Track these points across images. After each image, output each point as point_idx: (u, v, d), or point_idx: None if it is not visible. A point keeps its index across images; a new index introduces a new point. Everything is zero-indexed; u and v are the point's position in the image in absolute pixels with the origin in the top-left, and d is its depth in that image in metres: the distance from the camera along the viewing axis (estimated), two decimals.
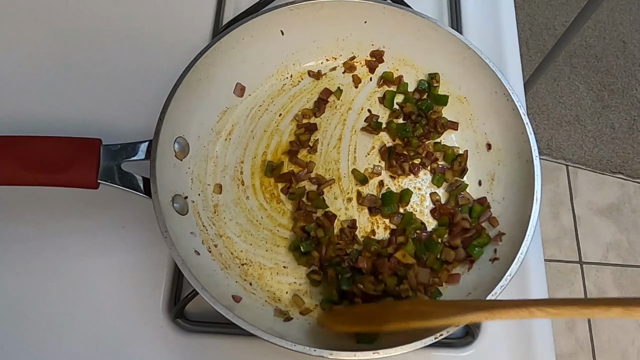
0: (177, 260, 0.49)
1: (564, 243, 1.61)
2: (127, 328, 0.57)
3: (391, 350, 0.46)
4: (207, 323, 0.58)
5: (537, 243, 0.62)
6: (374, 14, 0.64)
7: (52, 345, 0.56)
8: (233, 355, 0.56)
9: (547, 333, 0.58)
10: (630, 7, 1.98)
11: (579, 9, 1.15)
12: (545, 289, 0.60)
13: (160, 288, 0.59)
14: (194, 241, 0.56)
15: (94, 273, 0.59)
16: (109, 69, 0.70)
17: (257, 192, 0.62)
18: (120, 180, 0.53)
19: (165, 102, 0.55)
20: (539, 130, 1.75)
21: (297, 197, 0.61)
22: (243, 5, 0.71)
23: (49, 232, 0.61)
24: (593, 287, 1.55)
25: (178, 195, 0.57)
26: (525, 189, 0.55)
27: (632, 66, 1.88)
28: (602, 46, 1.91)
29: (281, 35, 0.65)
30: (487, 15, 0.76)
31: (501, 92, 0.59)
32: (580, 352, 1.47)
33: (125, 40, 0.72)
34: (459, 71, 0.64)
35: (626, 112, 1.81)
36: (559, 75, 1.85)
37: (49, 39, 0.71)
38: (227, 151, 0.64)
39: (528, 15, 1.95)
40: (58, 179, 0.52)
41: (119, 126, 0.66)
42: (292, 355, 0.47)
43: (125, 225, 0.61)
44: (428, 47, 0.65)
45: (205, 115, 0.62)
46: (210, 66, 0.60)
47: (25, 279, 0.59)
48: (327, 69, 0.68)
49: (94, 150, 0.53)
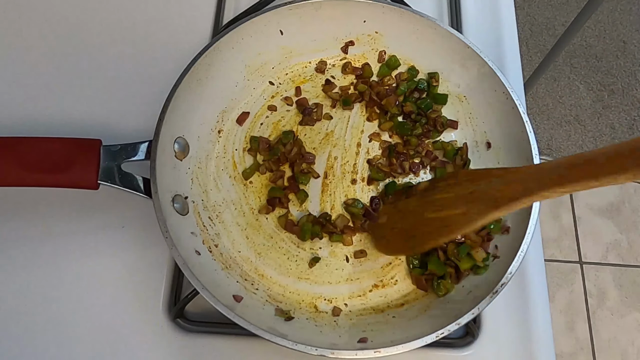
0: (178, 261, 0.49)
1: (564, 243, 1.61)
2: (127, 328, 0.57)
3: (392, 349, 0.46)
4: (207, 323, 0.58)
5: (537, 243, 0.62)
6: (374, 14, 0.64)
7: (52, 345, 0.56)
8: (233, 355, 0.56)
9: (547, 333, 0.58)
10: (630, 7, 1.98)
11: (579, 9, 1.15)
12: (545, 289, 0.60)
13: (160, 288, 0.59)
14: (194, 241, 0.56)
15: (94, 273, 0.59)
16: (108, 69, 0.70)
17: (257, 192, 0.62)
18: (121, 180, 0.53)
19: (165, 102, 0.55)
20: (539, 130, 1.75)
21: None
22: (243, 5, 0.72)
23: (49, 232, 0.61)
24: (593, 287, 1.55)
25: (178, 195, 0.57)
26: None
27: (632, 66, 1.88)
28: (602, 46, 1.91)
29: (280, 35, 0.65)
30: (487, 15, 0.76)
31: (501, 90, 0.59)
32: (580, 352, 1.47)
33: (125, 40, 0.72)
34: (458, 70, 0.64)
35: (626, 112, 1.81)
36: (559, 75, 1.85)
37: (49, 39, 0.71)
38: (227, 151, 0.64)
39: (528, 15, 1.95)
40: (58, 179, 0.52)
41: (119, 126, 0.66)
42: (293, 355, 0.47)
43: (125, 225, 0.61)
44: (428, 46, 0.65)
45: (205, 115, 0.62)
46: (210, 66, 0.60)
47: (25, 279, 0.59)
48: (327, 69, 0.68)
49: (94, 150, 0.53)
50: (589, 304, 1.53)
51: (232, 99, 0.65)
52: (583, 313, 1.52)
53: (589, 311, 1.52)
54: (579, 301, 1.53)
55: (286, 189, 0.62)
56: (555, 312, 1.50)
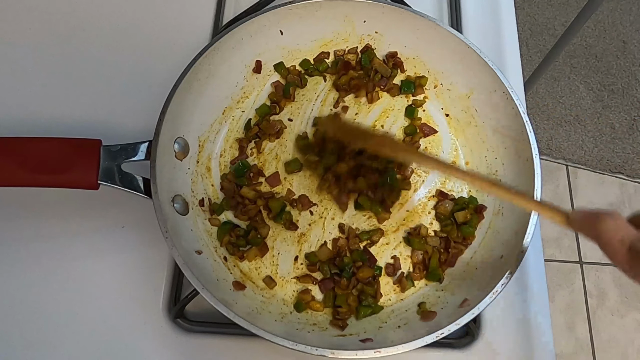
0: (178, 261, 0.49)
1: (564, 243, 1.61)
2: (127, 328, 0.57)
3: (392, 349, 0.46)
4: (207, 323, 0.58)
5: (537, 243, 0.62)
6: (373, 14, 0.64)
7: (52, 345, 0.56)
8: (233, 355, 0.56)
9: (547, 333, 0.58)
10: (630, 7, 1.98)
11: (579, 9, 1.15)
12: (545, 289, 0.60)
13: (160, 288, 0.59)
14: (194, 241, 0.56)
15: (94, 273, 0.59)
16: (108, 69, 0.70)
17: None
18: (121, 180, 0.53)
19: (165, 102, 0.55)
20: (539, 130, 1.75)
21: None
22: (243, 5, 0.72)
23: (50, 232, 0.61)
24: (593, 287, 1.55)
25: (178, 195, 0.57)
26: (525, 188, 0.55)
27: (632, 66, 1.88)
28: (602, 46, 1.91)
29: (280, 35, 0.65)
30: (487, 15, 0.76)
31: (500, 90, 0.59)
32: (580, 352, 1.47)
33: (125, 40, 0.72)
34: (458, 70, 0.64)
35: (626, 112, 1.81)
36: (559, 75, 1.85)
37: (49, 39, 0.71)
38: (227, 151, 0.64)
39: (528, 15, 1.95)
40: (58, 179, 0.52)
41: (119, 127, 0.66)
42: (293, 355, 0.47)
43: (125, 225, 0.61)
44: (427, 46, 0.65)
45: (205, 115, 0.62)
46: (210, 66, 0.60)
47: (25, 279, 0.59)
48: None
49: (94, 151, 0.53)
50: (589, 304, 1.53)
51: (232, 99, 0.65)
52: (583, 313, 1.52)
53: (589, 311, 1.52)
54: (579, 301, 1.53)
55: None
56: (555, 312, 1.50)
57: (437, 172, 0.62)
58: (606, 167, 1.73)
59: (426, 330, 0.48)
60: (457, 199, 0.61)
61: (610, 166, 1.73)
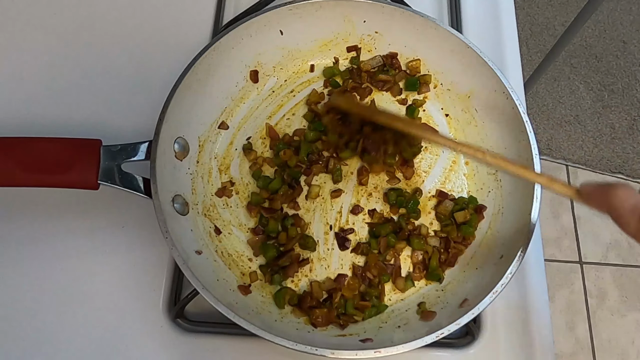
0: (178, 261, 0.49)
1: (564, 243, 1.61)
2: (127, 328, 0.57)
3: (392, 349, 0.46)
4: (207, 323, 0.58)
5: (537, 243, 0.62)
6: (374, 14, 0.64)
7: (52, 345, 0.56)
8: (233, 355, 0.56)
9: (547, 333, 0.58)
10: (630, 7, 1.98)
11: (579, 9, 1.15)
12: (545, 289, 0.60)
13: (160, 288, 0.59)
14: (194, 241, 0.56)
15: (94, 273, 0.59)
16: (108, 70, 0.70)
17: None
18: (121, 180, 0.53)
19: (165, 102, 0.55)
20: (539, 130, 1.75)
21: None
22: (243, 5, 0.71)
23: (50, 232, 0.61)
24: (593, 287, 1.55)
25: (178, 195, 0.57)
26: (526, 188, 0.55)
27: (632, 66, 1.88)
28: (602, 46, 1.91)
29: (280, 35, 0.65)
30: (487, 15, 0.76)
31: (500, 90, 0.59)
32: (580, 352, 1.47)
33: (125, 40, 0.72)
34: (458, 70, 0.64)
35: (626, 112, 1.81)
36: (559, 75, 1.85)
37: (49, 39, 0.71)
38: (227, 151, 0.64)
39: (528, 15, 1.95)
40: (58, 180, 0.52)
41: (119, 126, 0.66)
42: (293, 355, 0.47)
43: (125, 225, 0.61)
44: (427, 46, 0.65)
45: (205, 115, 0.62)
46: (210, 66, 0.60)
47: (25, 279, 0.59)
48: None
49: (94, 151, 0.53)
50: (589, 304, 1.53)
51: (233, 98, 0.65)
52: (583, 313, 1.52)
53: (589, 311, 1.52)
54: (579, 301, 1.53)
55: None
56: (555, 312, 1.50)
57: (447, 149, 0.63)
58: (606, 167, 1.73)
59: (426, 330, 0.48)
60: (457, 199, 0.61)
61: (610, 166, 1.73)
